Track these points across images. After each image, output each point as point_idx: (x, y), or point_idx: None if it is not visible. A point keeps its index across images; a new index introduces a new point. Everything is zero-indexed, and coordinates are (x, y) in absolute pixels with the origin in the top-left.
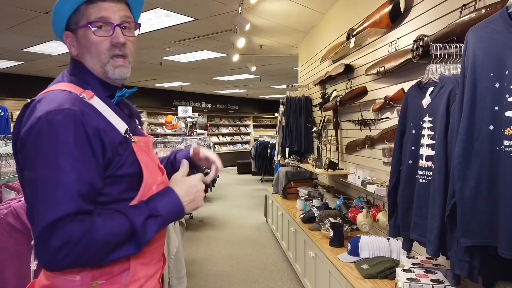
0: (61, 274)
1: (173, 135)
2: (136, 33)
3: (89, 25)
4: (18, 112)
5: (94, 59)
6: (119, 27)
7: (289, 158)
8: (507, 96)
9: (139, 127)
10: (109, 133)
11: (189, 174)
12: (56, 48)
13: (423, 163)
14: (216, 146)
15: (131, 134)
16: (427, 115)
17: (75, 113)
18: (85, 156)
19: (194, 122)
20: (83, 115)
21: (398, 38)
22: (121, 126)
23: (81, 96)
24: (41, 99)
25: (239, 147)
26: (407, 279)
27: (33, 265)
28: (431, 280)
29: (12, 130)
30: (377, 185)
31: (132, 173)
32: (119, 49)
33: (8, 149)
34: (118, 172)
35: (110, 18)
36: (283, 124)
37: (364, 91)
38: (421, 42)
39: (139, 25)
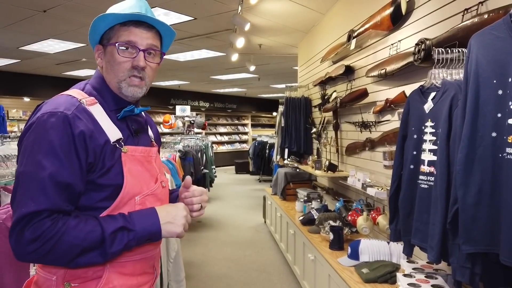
0: (44, 272)
1: (171, 134)
2: (158, 60)
3: (116, 45)
4: (14, 111)
5: (113, 74)
6: (143, 52)
7: (288, 159)
8: (510, 103)
9: (153, 142)
10: (95, 138)
11: None
12: (52, 46)
13: (424, 168)
14: (214, 145)
15: (122, 144)
16: (429, 120)
17: (66, 116)
18: (68, 157)
19: (192, 121)
20: (73, 119)
21: (399, 41)
22: (113, 134)
23: (80, 101)
24: (48, 101)
25: (237, 146)
26: (408, 284)
27: (32, 270)
28: (432, 286)
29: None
30: (378, 188)
31: (116, 185)
32: (137, 72)
33: (5, 149)
34: (99, 180)
35: (137, 43)
36: (282, 124)
37: (364, 93)
38: (423, 45)
39: (164, 54)
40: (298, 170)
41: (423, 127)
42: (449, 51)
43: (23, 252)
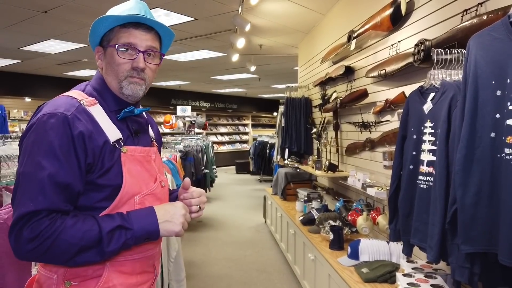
0: (45, 271)
1: (172, 134)
2: (158, 61)
3: (116, 46)
4: (15, 111)
5: (113, 75)
6: (142, 54)
7: (289, 159)
8: (509, 104)
9: (154, 142)
10: (95, 139)
11: None
12: (54, 46)
13: (424, 168)
14: (214, 145)
15: (122, 144)
16: (428, 120)
17: (65, 117)
18: (67, 157)
19: (193, 122)
20: (73, 119)
21: (399, 41)
22: (113, 135)
23: (80, 102)
24: (48, 102)
25: (237, 146)
26: (407, 284)
27: (34, 270)
28: (431, 285)
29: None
30: (377, 188)
31: (115, 185)
32: (137, 73)
33: (6, 149)
34: (99, 180)
35: (137, 45)
36: (283, 124)
37: (364, 94)
38: (422, 46)
39: (163, 55)
40: (298, 170)
41: (422, 128)
42: (448, 52)
43: (22, 250)
